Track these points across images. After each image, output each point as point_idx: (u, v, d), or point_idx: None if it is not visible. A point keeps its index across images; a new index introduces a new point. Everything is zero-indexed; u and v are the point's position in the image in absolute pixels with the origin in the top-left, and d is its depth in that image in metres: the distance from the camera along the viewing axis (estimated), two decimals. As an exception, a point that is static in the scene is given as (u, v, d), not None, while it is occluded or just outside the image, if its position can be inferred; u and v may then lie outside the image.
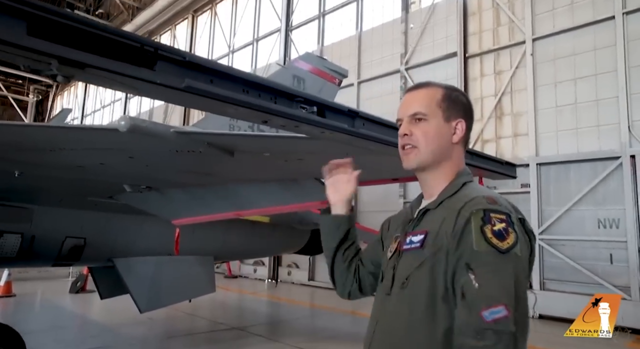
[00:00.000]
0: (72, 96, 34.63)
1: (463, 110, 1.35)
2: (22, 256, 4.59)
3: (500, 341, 1.00)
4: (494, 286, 1.05)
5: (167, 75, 1.11)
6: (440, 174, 1.30)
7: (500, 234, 1.09)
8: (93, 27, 1.00)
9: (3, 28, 0.86)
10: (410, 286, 1.17)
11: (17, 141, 2.57)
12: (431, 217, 1.24)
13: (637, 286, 7.96)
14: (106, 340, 6.54)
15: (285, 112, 1.34)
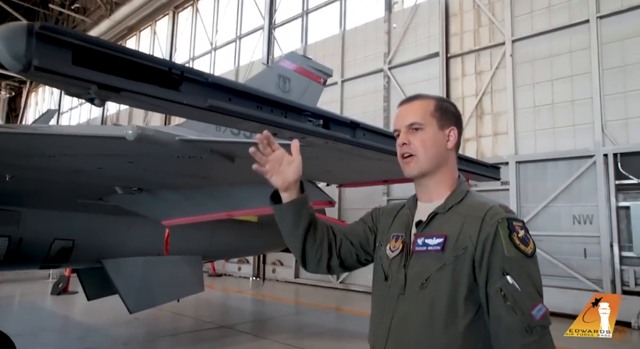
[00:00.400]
0: (47, 93, 33.77)
1: (454, 118, 1.46)
2: (9, 259, 4.55)
3: (545, 334, 1.18)
4: (531, 287, 1.20)
5: (192, 95, 1.18)
6: (439, 179, 1.40)
7: (525, 241, 1.24)
8: (128, 54, 1.07)
9: (53, 59, 0.94)
10: (431, 287, 1.26)
11: (19, 148, 2.59)
12: (443, 222, 1.33)
13: (608, 279, 8.32)
14: (93, 342, 6.52)
15: (295, 125, 1.43)
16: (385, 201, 11.86)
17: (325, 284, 12.75)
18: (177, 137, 2.31)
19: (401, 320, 1.30)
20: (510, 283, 1.18)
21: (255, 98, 1.36)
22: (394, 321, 1.32)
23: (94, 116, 26.18)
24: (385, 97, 12.36)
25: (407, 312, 1.30)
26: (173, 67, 1.18)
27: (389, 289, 1.37)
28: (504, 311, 1.18)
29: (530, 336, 1.15)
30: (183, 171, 3.24)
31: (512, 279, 1.18)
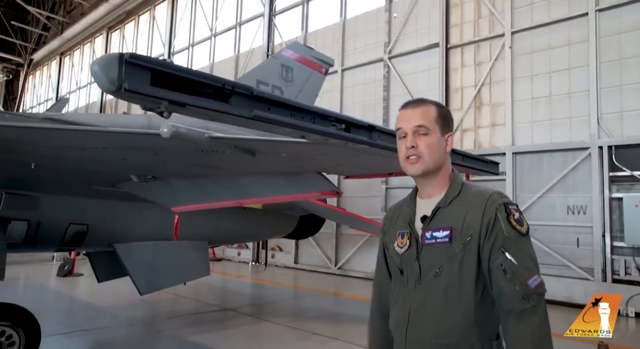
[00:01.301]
0: (45, 76, 33.58)
1: (451, 125, 1.64)
2: (27, 241, 4.76)
3: (540, 301, 1.37)
4: (527, 260, 1.40)
5: (239, 107, 1.38)
6: (438, 178, 1.57)
7: (520, 221, 1.44)
8: (191, 74, 1.27)
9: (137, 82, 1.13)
10: (444, 274, 1.45)
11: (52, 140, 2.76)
12: (447, 215, 1.50)
13: (599, 268, 8.62)
14: (105, 321, 6.78)
15: (321, 130, 1.63)
16: (384, 190, 12.10)
17: (323, 270, 13.05)
18: (206, 134, 2.49)
19: (420, 306, 1.49)
20: (508, 258, 1.38)
21: (289, 107, 1.56)
22: (413, 308, 1.50)
23: (93, 101, 26.15)
24: (385, 86, 12.49)
25: (424, 298, 1.48)
26: (225, 84, 1.38)
27: (407, 281, 1.54)
28: (504, 282, 1.38)
29: (527, 303, 1.35)
30: (202, 162, 3.43)
31: (510, 255, 1.38)
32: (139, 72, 1.16)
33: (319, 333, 6.38)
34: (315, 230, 9.17)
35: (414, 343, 1.50)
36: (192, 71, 1.34)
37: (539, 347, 1.34)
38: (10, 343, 4.19)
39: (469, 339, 1.42)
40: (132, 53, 1.17)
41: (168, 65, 1.24)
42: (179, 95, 1.24)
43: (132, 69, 1.16)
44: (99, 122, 4.31)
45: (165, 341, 6.04)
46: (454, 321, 1.43)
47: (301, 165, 3.39)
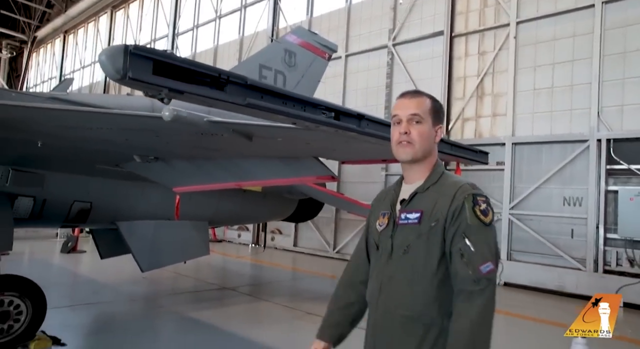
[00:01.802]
0: (49, 54, 33.49)
1: (442, 118, 1.76)
2: (33, 217, 4.93)
3: (489, 285, 1.49)
4: (484, 248, 1.51)
5: (234, 95, 1.50)
6: (423, 166, 1.69)
7: (485, 212, 1.55)
8: (189, 64, 1.38)
9: (140, 71, 1.25)
10: (411, 252, 1.59)
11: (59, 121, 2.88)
12: (422, 199, 1.63)
13: (592, 259, 8.78)
14: (108, 296, 7.00)
15: (311, 117, 1.75)
16: (384, 176, 12.22)
17: (322, 253, 13.27)
18: (206, 118, 2.61)
19: (389, 279, 1.64)
20: (467, 244, 1.50)
21: (281, 96, 1.67)
22: (384, 280, 1.65)
23: (97, 80, 26.17)
24: (388, 73, 12.51)
25: (393, 272, 1.63)
26: (221, 74, 1.49)
27: (380, 256, 1.69)
28: (460, 265, 1.51)
29: (477, 286, 1.47)
30: (201, 144, 3.55)
31: (469, 241, 1.50)
32: (142, 62, 1.28)
33: (314, 313, 6.58)
34: (314, 214, 9.33)
35: (384, 313, 1.64)
36: (191, 61, 1.46)
37: (477, 324, 1.45)
38: (18, 312, 4.39)
39: (429, 313, 1.54)
40: (136, 45, 1.28)
41: (169, 56, 1.35)
42: (178, 83, 1.36)
43: (136, 59, 1.28)
44: (104, 103, 4.41)
45: (165, 316, 6.25)
46: (417, 295, 1.57)
47: (297, 150, 3.51)
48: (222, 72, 1.48)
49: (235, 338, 5.25)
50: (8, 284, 4.38)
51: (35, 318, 4.51)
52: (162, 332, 5.74)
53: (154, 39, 22.14)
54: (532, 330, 6.41)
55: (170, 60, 1.36)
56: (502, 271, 9.72)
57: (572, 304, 8.21)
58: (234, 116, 2.94)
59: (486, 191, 7.49)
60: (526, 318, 6.98)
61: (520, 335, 6.26)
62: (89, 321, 5.80)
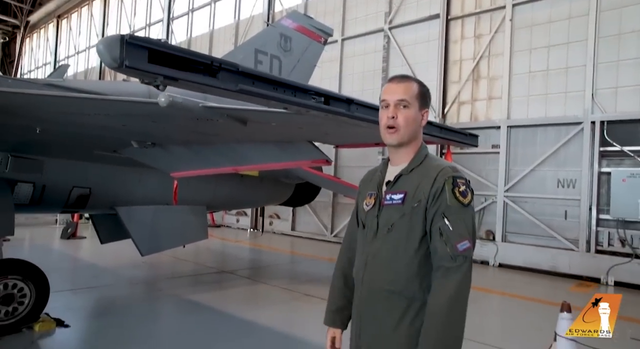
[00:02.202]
0: (43, 39, 33.10)
1: (429, 102, 1.80)
2: (34, 203, 5.01)
3: (465, 262, 1.58)
4: (462, 227, 1.59)
5: (226, 81, 1.56)
6: (409, 149, 1.76)
7: (464, 194, 1.63)
8: (183, 53, 1.44)
9: (136, 59, 1.31)
10: (395, 230, 1.68)
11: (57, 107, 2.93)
12: (406, 181, 1.71)
13: (584, 239, 8.94)
14: (108, 280, 7.13)
15: (302, 102, 1.81)
16: (380, 160, 12.26)
17: (320, 237, 13.43)
18: (201, 104, 2.66)
19: (374, 256, 1.73)
20: (446, 223, 1.59)
21: (272, 82, 1.74)
22: (369, 257, 1.74)
23: (92, 66, 25.96)
24: (384, 57, 12.48)
25: (378, 250, 1.72)
26: (214, 61, 1.56)
27: (366, 234, 1.78)
28: (438, 243, 1.59)
29: (454, 262, 1.56)
30: (198, 130, 3.61)
31: (448, 221, 1.59)
32: (138, 51, 1.34)
33: (312, 295, 6.73)
34: (311, 198, 9.43)
35: (368, 288, 1.73)
36: (184, 50, 1.52)
37: (453, 299, 1.54)
38: (22, 295, 4.51)
39: (410, 288, 1.64)
40: (131, 35, 1.34)
41: (163, 45, 1.42)
42: (173, 71, 1.43)
43: (132, 48, 1.34)
44: (100, 89, 4.46)
45: (165, 299, 6.39)
46: (399, 271, 1.66)
47: (291, 134, 3.57)
48: (214, 60, 1.54)
49: (234, 319, 5.39)
50: (11, 268, 4.49)
51: (39, 301, 4.63)
52: (163, 314, 5.88)
53: (148, 23, 21.91)
54: (526, 309, 6.58)
55: (164, 49, 1.42)
56: (497, 252, 9.90)
57: (565, 284, 8.41)
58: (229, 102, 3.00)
59: (481, 173, 7.65)
60: (520, 297, 7.15)
61: (513, 313, 6.43)
62: (90, 304, 5.93)
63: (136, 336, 4.67)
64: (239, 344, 4.56)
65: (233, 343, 4.57)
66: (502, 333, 5.50)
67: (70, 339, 4.61)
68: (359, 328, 1.79)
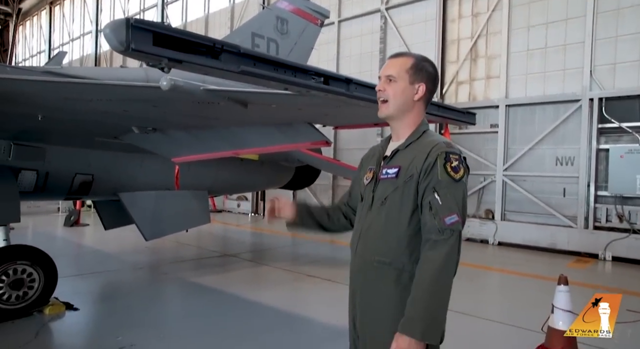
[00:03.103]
0: (36, 27, 32.69)
1: (427, 77, 1.79)
2: (38, 190, 5.07)
3: (452, 235, 1.59)
4: (451, 202, 1.61)
5: (228, 63, 1.60)
6: (405, 123, 1.78)
7: (456, 169, 1.64)
8: (186, 35, 1.48)
9: (142, 43, 1.35)
10: (388, 203, 1.73)
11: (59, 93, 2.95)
12: (402, 156, 1.75)
13: (582, 216, 9.04)
14: (113, 265, 7.24)
15: (302, 82, 1.85)
16: (379, 141, 12.31)
17: (320, 219, 13.52)
18: (202, 86, 2.69)
19: (368, 228, 1.79)
20: (436, 198, 1.62)
21: (273, 63, 1.78)
22: (363, 229, 1.81)
23: (87, 53, 25.73)
24: (381, 38, 12.40)
25: (371, 222, 1.78)
26: (216, 43, 1.60)
27: (363, 207, 1.85)
28: (428, 217, 1.63)
29: (442, 235, 1.59)
30: (199, 114, 3.64)
31: (438, 195, 1.62)
32: (143, 34, 1.38)
33: (314, 275, 6.85)
34: (311, 181, 9.50)
35: (361, 258, 1.80)
36: (187, 32, 1.56)
37: (439, 271, 1.57)
38: (31, 279, 4.61)
39: (400, 259, 1.69)
40: (136, 18, 1.38)
41: (167, 28, 1.45)
42: (177, 53, 1.46)
43: (137, 31, 1.37)
44: (99, 75, 4.47)
45: (170, 282, 6.50)
46: (390, 243, 1.71)
47: (291, 116, 3.60)
48: (216, 42, 1.58)
49: (239, 300, 5.50)
50: (19, 254, 4.57)
51: (48, 285, 4.73)
52: (169, 296, 5.99)
53: (142, 9, 21.64)
54: (525, 284, 6.71)
55: (168, 32, 1.46)
56: (497, 231, 10.02)
57: (563, 260, 8.54)
58: (230, 85, 3.04)
59: (480, 153, 7.72)
60: (520, 274, 7.27)
61: (513, 289, 6.56)
62: (98, 288, 6.05)
63: (144, 318, 4.78)
64: (244, 324, 4.67)
65: (239, 323, 4.69)
66: (502, 308, 5.63)
67: (80, 322, 4.73)
68: (354, 298, 1.85)
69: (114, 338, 4.11)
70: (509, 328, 4.72)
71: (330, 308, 5.35)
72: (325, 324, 4.79)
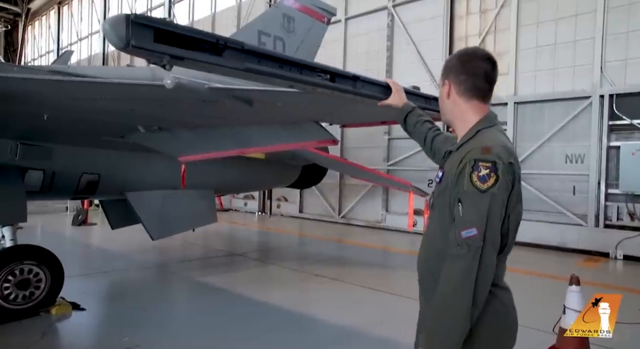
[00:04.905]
0: (45, 27, 32.93)
1: (451, 71, 1.73)
2: (44, 189, 5.08)
3: (470, 251, 1.48)
4: (472, 214, 1.49)
5: (232, 60, 1.56)
6: (456, 123, 1.76)
7: (483, 179, 1.50)
8: (188, 31, 1.44)
9: (142, 39, 1.31)
10: (435, 208, 1.72)
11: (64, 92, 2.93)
12: (451, 159, 1.69)
13: (593, 214, 8.91)
14: (122, 264, 7.25)
15: (308, 80, 1.81)
16: (386, 140, 12.26)
17: (328, 219, 13.50)
18: (206, 85, 2.66)
19: (425, 233, 1.82)
20: (459, 209, 1.53)
21: (278, 60, 1.73)
22: (423, 234, 1.84)
23: (95, 53, 25.88)
24: (388, 36, 12.31)
25: (428, 227, 1.80)
26: (219, 39, 1.55)
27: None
28: (452, 228, 1.55)
29: (459, 250, 1.49)
30: (204, 112, 3.61)
31: (461, 206, 1.52)
32: (144, 30, 1.34)
33: (321, 275, 6.81)
34: (318, 180, 9.45)
35: (419, 260, 1.81)
36: (190, 28, 1.52)
37: (453, 289, 1.49)
38: (37, 279, 4.61)
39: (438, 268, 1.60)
40: (136, 14, 1.34)
41: (168, 24, 1.41)
42: (178, 50, 1.42)
43: (138, 27, 1.34)
44: (105, 74, 4.45)
45: (178, 282, 6.50)
46: (435, 245, 1.68)
47: (297, 114, 3.56)
48: (219, 38, 1.53)
49: (246, 300, 5.48)
50: (26, 254, 4.58)
51: (54, 285, 4.74)
52: (176, 296, 5.99)
53: (150, 8, 21.71)
54: (535, 284, 6.61)
55: (170, 28, 1.42)
56: (505, 229, 9.88)
57: (574, 259, 8.43)
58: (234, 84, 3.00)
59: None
60: (530, 273, 7.18)
61: (523, 289, 6.44)
62: (105, 288, 6.06)
63: (151, 318, 4.77)
64: (251, 324, 4.64)
65: (246, 323, 4.66)
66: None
67: (87, 322, 4.73)
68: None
69: (120, 338, 4.10)
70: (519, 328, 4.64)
71: (337, 308, 5.31)
72: (332, 325, 4.75)
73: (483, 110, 1.71)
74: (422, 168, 11.39)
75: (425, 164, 11.38)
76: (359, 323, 4.71)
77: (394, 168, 12.06)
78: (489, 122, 1.68)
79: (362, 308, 5.31)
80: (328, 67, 1.92)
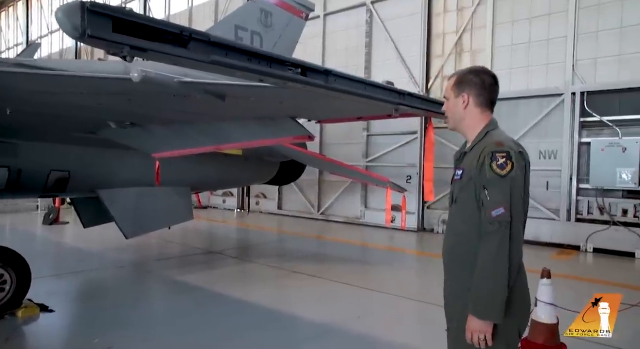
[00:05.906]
0: (12, 19, 31.72)
1: (467, 86, 2.03)
2: (10, 188, 4.87)
3: (501, 226, 1.78)
4: (498, 196, 1.80)
5: (198, 52, 1.50)
6: (466, 129, 2.06)
7: (502, 166, 1.82)
8: (150, 22, 1.37)
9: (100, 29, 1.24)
10: (458, 202, 2.01)
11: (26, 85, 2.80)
12: (468, 158, 2.00)
13: (565, 209, 9.13)
14: (95, 264, 7.07)
15: (278, 74, 1.76)
16: (365, 137, 12.28)
17: (307, 215, 13.47)
18: (176, 79, 2.58)
19: (448, 225, 2.11)
20: (486, 194, 1.84)
21: (246, 53, 1.68)
22: (447, 225, 2.13)
23: (67, 46, 25.14)
24: (367, 32, 12.32)
25: (450, 220, 2.08)
26: (184, 31, 1.49)
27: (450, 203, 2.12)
28: (482, 211, 1.86)
29: (492, 227, 1.80)
30: (176, 108, 3.52)
31: (487, 192, 1.84)
32: (101, 19, 1.27)
33: (300, 272, 6.79)
34: (297, 176, 9.39)
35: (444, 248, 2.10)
36: (151, 19, 1.46)
37: (492, 259, 1.79)
38: (2, 281, 4.44)
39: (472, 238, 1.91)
40: (92, 2, 1.27)
41: (128, 14, 1.34)
42: (140, 41, 1.37)
43: (94, 16, 1.27)
44: (75, 68, 4.29)
45: (154, 281, 6.38)
46: (459, 233, 1.99)
47: (272, 110, 3.51)
48: (184, 29, 1.48)
49: (224, 298, 5.42)
50: (-10, 255, 4.40)
51: (20, 287, 4.56)
52: (152, 295, 5.87)
53: (124, 1, 21.21)
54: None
55: (130, 18, 1.35)
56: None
57: (547, 253, 8.63)
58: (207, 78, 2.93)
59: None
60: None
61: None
62: (76, 289, 5.89)
63: (125, 319, 4.65)
64: (230, 323, 4.59)
65: (224, 322, 4.60)
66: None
67: (56, 324, 4.58)
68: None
69: (90, 340, 3.98)
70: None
71: (316, 305, 5.29)
72: (311, 321, 4.73)
73: (489, 117, 2.06)
74: (401, 164, 11.46)
75: (404, 160, 11.46)
76: (338, 319, 4.70)
77: (373, 164, 12.10)
78: (493, 126, 2.03)
79: (340, 304, 5.31)
80: (299, 61, 1.89)
